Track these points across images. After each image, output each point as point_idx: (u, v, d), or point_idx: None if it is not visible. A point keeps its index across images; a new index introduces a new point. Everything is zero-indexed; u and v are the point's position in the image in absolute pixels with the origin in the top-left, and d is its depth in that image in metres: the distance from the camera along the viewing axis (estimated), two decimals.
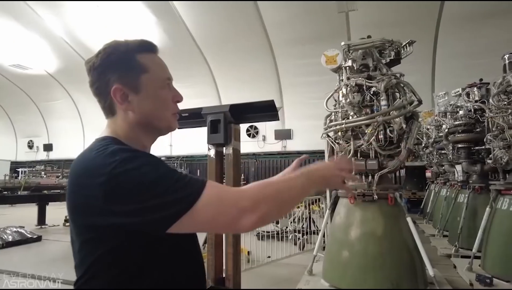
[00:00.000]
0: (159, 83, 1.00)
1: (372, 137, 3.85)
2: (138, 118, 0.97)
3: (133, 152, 0.84)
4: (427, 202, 9.75)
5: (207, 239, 2.29)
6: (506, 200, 4.40)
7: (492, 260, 4.45)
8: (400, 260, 3.76)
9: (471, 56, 12.73)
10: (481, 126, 5.95)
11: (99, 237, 0.81)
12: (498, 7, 11.38)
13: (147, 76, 0.97)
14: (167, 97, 1.01)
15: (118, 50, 0.99)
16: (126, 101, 0.96)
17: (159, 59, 1.04)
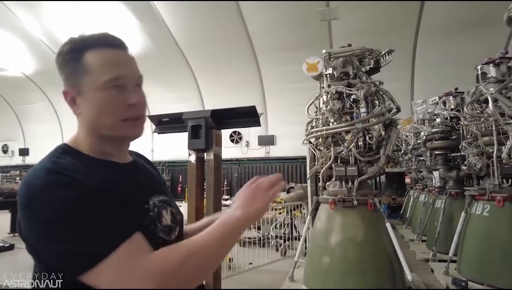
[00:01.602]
0: (98, 85, 0.85)
1: (352, 144, 3.91)
2: (86, 122, 0.90)
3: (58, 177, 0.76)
4: (406, 207, 9.95)
5: None
6: (479, 205, 4.54)
7: (467, 263, 4.57)
8: (380, 265, 3.81)
9: (448, 65, 13.17)
10: (457, 133, 6.16)
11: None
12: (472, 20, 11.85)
13: (88, 77, 0.86)
14: (109, 101, 0.85)
15: (66, 49, 0.90)
16: (75, 104, 0.90)
17: (108, 56, 0.88)
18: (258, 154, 18.44)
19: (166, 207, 0.97)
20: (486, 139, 4.64)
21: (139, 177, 0.97)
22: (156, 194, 0.96)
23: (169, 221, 0.95)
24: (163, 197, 0.98)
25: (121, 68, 0.89)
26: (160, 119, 2.72)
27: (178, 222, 1.01)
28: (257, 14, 13.57)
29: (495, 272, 4.04)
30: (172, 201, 1.03)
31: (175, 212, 1.01)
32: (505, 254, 3.89)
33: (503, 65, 4.55)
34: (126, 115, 0.88)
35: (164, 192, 1.03)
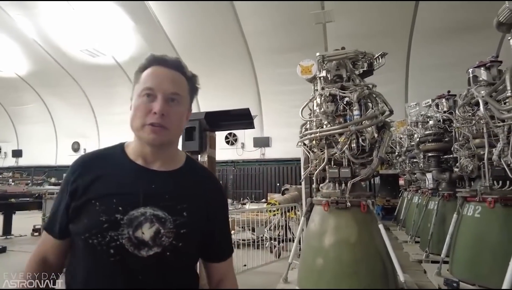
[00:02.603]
0: (138, 92, 1.02)
1: (345, 146, 3.94)
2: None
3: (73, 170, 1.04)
4: (400, 209, 10.02)
5: None
6: (471, 207, 4.60)
7: (459, 264, 4.62)
8: (373, 267, 3.84)
9: (441, 68, 13.30)
10: (449, 135, 6.22)
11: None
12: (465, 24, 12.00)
13: (137, 86, 1.04)
14: (139, 106, 1.00)
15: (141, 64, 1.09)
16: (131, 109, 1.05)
17: (152, 71, 1.05)
18: (253, 156, 18.45)
19: (155, 223, 0.94)
20: (477, 141, 4.69)
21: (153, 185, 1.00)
22: (155, 207, 0.96)
23: (147, 236, 0.92)
24: (160, 213, 0.96)
25: (157, 81, 1.02)
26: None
27: (162, 244, 0.94)
28: (253, 16, 13.61)
29: (486, 272, 4.08)
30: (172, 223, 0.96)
31: (164, 233, 0.94)
32: (495, 255, 3.94)
33: (494, 68, 4.62)
34: (148, 121, 0.99)
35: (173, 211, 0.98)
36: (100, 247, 0.90)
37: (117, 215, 0.92)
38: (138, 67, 1.09)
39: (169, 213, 0.97)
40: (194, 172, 1.13)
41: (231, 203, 15.98)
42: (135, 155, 1.05)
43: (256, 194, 17.87)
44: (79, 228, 0.94)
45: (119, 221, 0.92)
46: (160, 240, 0.94)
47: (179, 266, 1.01)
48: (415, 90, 14.40)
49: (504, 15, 3.15)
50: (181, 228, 0.97)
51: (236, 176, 18.81)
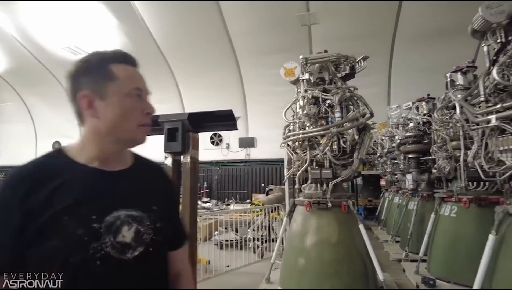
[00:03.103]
0: (125, 91, 0.99)
1: (327, 147, 4.01)
2: (101, 125, 0.98)
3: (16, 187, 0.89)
4: (381, 209, 10.21)
5: None
6: (448, 207, 4.76)
7: (436, 262, 4.77)
8: (354, 266, 3.92)
9: (422, 72, 13.63)
10: (428, 137, 6.38)
11: None
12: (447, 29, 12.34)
13: (115, 84, 0.98)
14: (132, 107, 0.99)
15: (91, 58, 1.02)
16: (91, 108, 0.97)
17: (132, 70, 1.05)
18: (238, 156, 18.44)
19: (132, 223, 0.93)
20: (454, 143, 4.85)
21: (117, 186, 0.99)
22: (127, 208, 0.94)
23: (128, 239, 0.91)
24: (134, 213, 0.95)
25: (141, 82, 1.05)
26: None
27: (146, 242, 0.95)
28: (238, 16, 13.62)
29: (460, 270, 4.23)
30: (148, 220, 0.97)
31: (144, 231, 0.95)
32: (469, 253, 4.08)
33: (470, 73, 4.79)
34: (142, 121, 1.02)
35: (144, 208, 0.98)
36: (85, 262, 0.85)
37: (94, 224, 0.88)
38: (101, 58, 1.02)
39: (142, 210, 0.97)
40: (147, 166, 1.15)
41: (216, 203, 15.93)
42: (89, 158, 0.98)
43: (241, 194, 17.86)
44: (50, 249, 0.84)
45: (98, 230, 0.88)
46: (142, 239, 0.94)
47: (161, 259, 1.04)
48: (397, 93, 14.70)
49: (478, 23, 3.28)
50: (156, 222, 0.99)
51: (220, 177, 18.75)
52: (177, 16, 13.82)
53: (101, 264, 0.86)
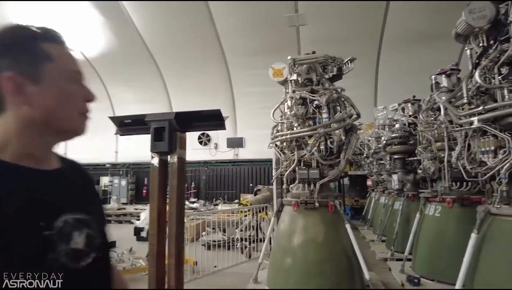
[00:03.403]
0: (67, 74, 0.86)
1: (314, 148, 4.04)
2: (36, 114, 0.81)
3: None
4: (368, 209, 10.33)
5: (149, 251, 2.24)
6: (432, 207, 4.85)
7: (420, 261, 4.85)
8: (340, 266, 3.96)
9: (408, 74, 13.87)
10: (414, 138, 6.49)
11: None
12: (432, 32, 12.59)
13: (52, 65, 0.83)
14: (75, 93, 0.87)
15: (14, 33, 0.84)
16: (21, 93, 0.79)
17: (69, 51, 0.91)
18: (226, 157, 18.40)
19: (82, 228, 0.83)
20: (438, 144, 4.95)
21: (57, 188, 0.86)
22: (72, 210, 0.83)
23: (81, 244, 0.81)
24: (81, 216, 0.84)
25: (79, 65, 0.92)
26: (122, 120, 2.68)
27: (96, 247, 0.85)
28: (227, 16, 13.60)
29: (443, 268, 4.32)
30: (95, 223, 0.88)
31: (94, 236, 0.85)
32: (452, 252, 4.16)
33: (454, 76, 4.90)
34: (83, 109, 0.90)
35: (86, 210, 0.88)
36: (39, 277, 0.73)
37: (45, 232, 0.75)
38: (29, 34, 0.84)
39: (86, 212, 0.86)
40: (74, 165, 1.01)
41: (204, 204, 15.86)
42: (17, 155, 0.80)
43: (229, 194, 17.84)
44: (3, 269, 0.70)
45: (50, 238, 0.75)
46: (93, 244, 0.85)
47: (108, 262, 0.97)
48: (384, 94, 14.92)
49: (461, 27, 3.35)
50: (101, 224, 0.91)
51: (209, 177, 18.68)
52: (165, 15, 13.71)
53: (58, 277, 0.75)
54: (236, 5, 12.73)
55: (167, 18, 13.90)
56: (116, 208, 13.65)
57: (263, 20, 13.35)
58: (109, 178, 19.41)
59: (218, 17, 13.74)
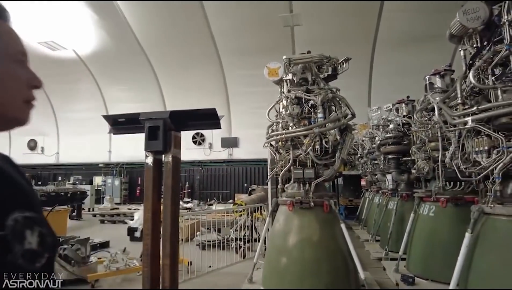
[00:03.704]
0: (10, 55, 0.76)
1: (309, 147, 4.03)
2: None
3: None
4: (362, 209, 10.37)
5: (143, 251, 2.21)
6: (426, 206, 4.88)
7: (414, 261, 4.88)
8: (335, 265, 3.96)
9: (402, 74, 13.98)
10: (408, 139, 6.53)
11: None
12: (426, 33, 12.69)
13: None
14: (19, 76, 0.77)
15: None
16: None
17: (12, 29, 0.79)
18: (221, 156, 18.37)
19: (33, 226, 0.76)
20: (432, 144, 4.98)
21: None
22: (20, 208, 0.76)
23: (34, 244, 0.75)
24: (29, 214, 0.77)
25: (23, 46, 0.80)
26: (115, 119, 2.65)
27: (49, 247, 0.79)
28: (221, 16, 13.56)
29: (437, 267, 4.35)
30: (43, 220, 0.81)
31: (46, 234, 0.79)
32: (446, 251, 4.18)
33: (447, 76, 4.93)
34: (28, 96, 0.80)
35: (32, 207, 0.81)
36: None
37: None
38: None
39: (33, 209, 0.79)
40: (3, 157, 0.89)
41: (198, 204, 15.80)
42: None
43: (224, 194, 17.81)
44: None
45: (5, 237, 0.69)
46: (44, 243, 0.78)
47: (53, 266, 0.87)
48: (378, 95, 15.01)
49: (455, 28, 3.37)
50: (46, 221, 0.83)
51: (203, 177, 18.63)
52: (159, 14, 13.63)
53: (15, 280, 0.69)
54: (230, 5, 12.70)
55: (161, 17, 13.81)
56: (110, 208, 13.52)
57: (257, 20, 13.34)
58: (102, 177, 19.28)
59: (212, 17, 13.69)
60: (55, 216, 7.59)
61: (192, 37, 14.72)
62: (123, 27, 14.35)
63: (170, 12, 13.44)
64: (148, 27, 14.56)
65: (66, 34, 15.00)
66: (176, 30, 14.40)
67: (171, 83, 17.39)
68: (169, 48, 15.45)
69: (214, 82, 16.74)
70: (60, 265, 4.79)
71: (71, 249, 4.94)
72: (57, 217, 7.78)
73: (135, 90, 17.68)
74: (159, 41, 15.18)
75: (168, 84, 17.52)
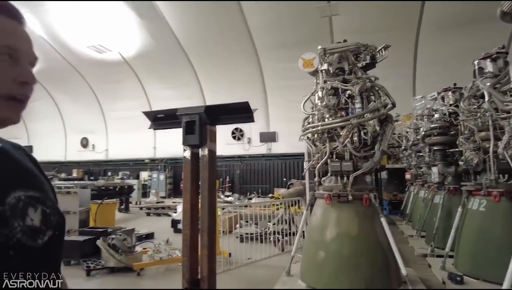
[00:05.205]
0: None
1: (347, 139, 3.92)
2: None
3: None
4: (406, 203, 9.95)
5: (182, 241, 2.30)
6: (476, 201, 4.55)
7: (463, 258, 4.58)
8: (374, 260, 3.83)
9: (449, 61, 13.09)
10: (455, 129, 6.13)
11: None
12: (473, 16, 11.76)
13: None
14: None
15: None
16: None
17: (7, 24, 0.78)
18: (260, 151, 18.47)
19: (36, 205, 0.80)
20: (482, 134, 4.63)
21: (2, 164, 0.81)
22: (23, 187, 0.79)
23: (37, 221, 0.78)
24: (33, 193, 0.81)
25: (18, 40, 0.78)
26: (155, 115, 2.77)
27: (53, 225, 0.82)
28: (258, 11, 13.55)
29: (490, 267, 4.04)
30: (49, 200, 0.84)
31: (50, 213, 0.82)
32: (499, 249, 3.89)
33: (500, 60, 4.53)
34: (13, 92, 0.76)
35: (38, 188, 0.84)
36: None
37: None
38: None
39: (38, 189, 0.83)
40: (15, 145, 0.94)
41: (238, 198, 16.06)
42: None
43: (263, 189, 17.92)
44: None
45: (3, 213, 0.72)
46: (50, 221, 0.82)
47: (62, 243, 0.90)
48: (422, 84, 14.21)
49: (508, 5, 3.08)
50: (55, 202, 0.87)
51: (242, 171, 18.86)
52: (197, 13, 13.93)
53: (15, 253, 0.72)
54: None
55: (199, 17, 14.11)
56: (155, 202, 14.17)
57: (293, 12, 13.15)
58: (148, 172, 20.20)
59: (249, 13, 13.73)
60: (104, 209, 8.12)
61: (229, 34, 14.88)
62: (164, 28, 14.87)
63: (207, 12, 13.68)
64: (187, 27, 14.95)
65: (111, 38, 15.86)
66: (213, 28, 14.64)
67: (210, 80, 17.75)
68: (207, 46, 15.75)
69: (251, 76, 16.82)
70: (109, 254, 5.12)
71: (119, 239, 5.25)
72: (107, 209, 8.31)
73: (177, 88, 18.27)
74: (198, 39, 15.54)
75: (207, 81, 17.91)
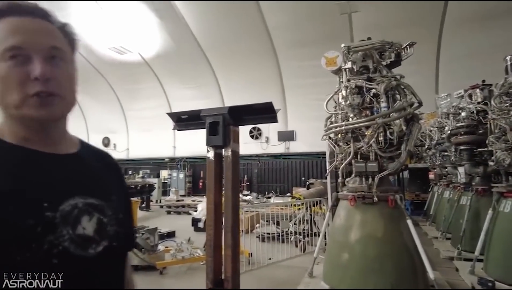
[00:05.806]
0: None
1: (372, 139, 3.84)
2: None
3: None
4: (430, 204, 9.70)
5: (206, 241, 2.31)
6: (508, 203, 4.37)
7: (494, 263, 4.41)
8: (400, 263, 3.74)
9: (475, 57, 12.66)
10: (484, 127, 5.91)
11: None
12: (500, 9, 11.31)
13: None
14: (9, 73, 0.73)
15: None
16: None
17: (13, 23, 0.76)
18: (278, 150, 18.42)
19: (93, 213, 0.78)
20: None
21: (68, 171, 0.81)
22: (84, 194, 0.78)
23: (89, 231, 0.76)
24: (93, 201, 0.79)
25: (25, 36, 0.75)
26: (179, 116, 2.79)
27: (110, 235, 0.79)
28: (276, 10, 13.49)
29: None
30: (111, 209, 0.82)
31: (107, 222, 0.80)
32: None
33: None
34: (31, 90, 0.74)
35: (102, 196, 0.82)
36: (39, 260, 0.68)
37: (47, 213, 0.71)
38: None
39: (101, 198, 0.81)
40: (96, 153, 0.96)
41: (256, 197, 16.07)
42: (18, 138, 0.77)
43: (281, 188, 17.86)
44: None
45: (53, 220, 0.71)
46: (105, 231, 0.79)
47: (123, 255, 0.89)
48: (446, 81, 13.80)
49: None
50: (118, 213, 0.84)
51: (260, 170, 18.86)
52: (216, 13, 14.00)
53: (59, 262, 0.69)
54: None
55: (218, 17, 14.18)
56: (175, 200, 14.36)
57: (313, 10, 13.01)
58: (168, 171, 20.51)
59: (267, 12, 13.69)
60: None
61: (247, 34, 14.90)
62: (183, 29, 15.03)
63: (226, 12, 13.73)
64: (206, 27, 15.05)
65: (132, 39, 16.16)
66: (232, 28, 14.68)
67: (228, 79, 17.83)
68: (226, 46, 15.82)
69: (270, 75, 16.78)
70: (133, 252, 5.22)
71: (142, 238, 5.34)
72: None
73: (196, 88, 18.44)
74: (216, 39, 15.62)
75: (225, 80, 18.00)
